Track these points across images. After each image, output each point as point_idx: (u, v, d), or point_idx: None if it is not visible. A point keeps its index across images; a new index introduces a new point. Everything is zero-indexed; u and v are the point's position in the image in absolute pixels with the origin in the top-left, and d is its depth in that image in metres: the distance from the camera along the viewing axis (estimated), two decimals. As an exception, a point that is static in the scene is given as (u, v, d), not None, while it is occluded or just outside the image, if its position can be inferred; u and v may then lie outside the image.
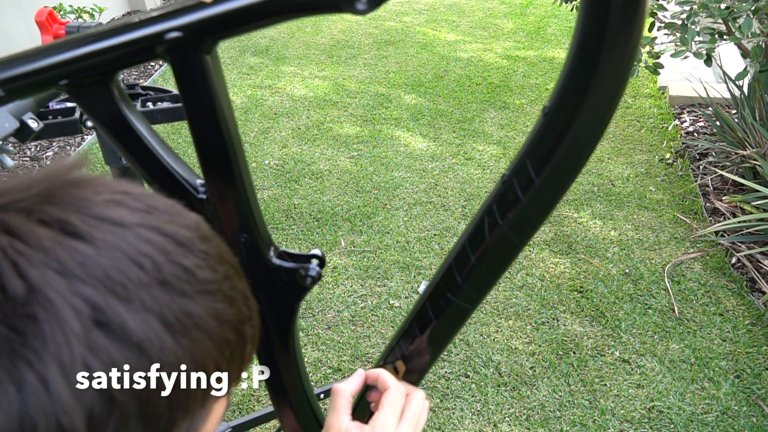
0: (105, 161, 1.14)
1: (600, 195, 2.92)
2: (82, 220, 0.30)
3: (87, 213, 0.30)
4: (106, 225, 0.30)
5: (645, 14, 0.39)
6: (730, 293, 2.31)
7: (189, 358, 0.31)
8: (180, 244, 0.32)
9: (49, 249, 0.28)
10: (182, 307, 0.31)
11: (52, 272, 0.28)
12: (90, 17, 4.04)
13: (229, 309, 0.33)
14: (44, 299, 0.27)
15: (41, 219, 0.29)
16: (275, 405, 0.68)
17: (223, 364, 0.33)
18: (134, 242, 0.30)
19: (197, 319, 0.31)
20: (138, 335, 0.29)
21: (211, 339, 0.32)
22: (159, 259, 0.31)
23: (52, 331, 0.27)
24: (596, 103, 0.42)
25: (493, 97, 3.94)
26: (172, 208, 0.34)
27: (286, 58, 4.60)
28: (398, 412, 0.58)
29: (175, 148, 3.62)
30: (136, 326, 0.29)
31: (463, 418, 1.88)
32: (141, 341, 0.29)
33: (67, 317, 0.27)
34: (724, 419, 1.85)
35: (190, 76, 0.46)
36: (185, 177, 0.53)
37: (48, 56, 0.47)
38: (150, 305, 0.29)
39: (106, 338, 0.28)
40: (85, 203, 0.31)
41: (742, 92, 2.95)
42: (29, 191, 0.31)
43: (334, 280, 2.42)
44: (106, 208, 0.31)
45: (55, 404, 0.26)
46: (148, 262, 0.30)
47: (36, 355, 0.26)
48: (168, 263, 0.31)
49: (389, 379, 0.61)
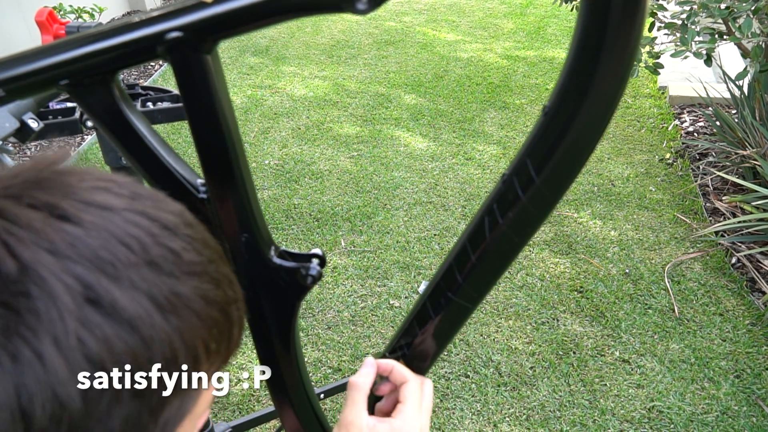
0: (105, 161, 1.14)
1: (600, 195, 2.92)
2: (70, 204, 0.31)
3: (74, 198, 0.31)
4: (94, 209, 0.31)
5: (645, 14, 0.39)
6: (730, 293, 2.31)
7: (178, 337, 0.31)
8: (166, 227, 0.33)
9: (39, 230, 0.29)
10: (170, 286, 0.31)
11: (44, 252, 0.29)
12: (90, 17, 4.04)
13: (216, 290, 0.34)
14: (37, 277, 0.28)
15: (30, 203, 0.30)
16: (276, 404, 0.68)
17: (212, 344, 0.34)
18: (122, 225, 0.31)
19: (185, 299, 0.32)
20: (129, 312, 0.29)
21: (200, 318, 0.33)
22: (146, 241, 0.31)
23: (45, 307, 0.27)
24: (596, 103, 0.43)
25: (493, 97, 3.94)
26: (157, 196, 0.35)
27: (286, 58, 4.60)
28: (419, 404, 0.59)
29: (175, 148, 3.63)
30: (127, 304, 0.29)
31: (463, 418, 1.88)
32: (132, 318, 0.29)
33: (60, 294, 0.28)
34: (724, 419, 1.86)
35: (191, 76, 0.46)
36: (186, 177, 0.53)
37: (48, 56, 0.47)
38: (139, 284, 0.30)
39: (98, 314, 0.29)
40: (73, 189, 0.32)
41: (742, 92, 2.95)
42: (17, 179, 0.32)
43: (334, 280, 2.42)
44: (92, 193, 0.32)
45: (50, 376, 0.27)
46: (135, 243, 0.31)
47: (31, 330, 0.27)
48: (155, 245, 0.32)
49: (405, 371, 0.60)
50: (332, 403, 1.91)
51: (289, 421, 0.69)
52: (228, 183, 0.52)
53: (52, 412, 0.27)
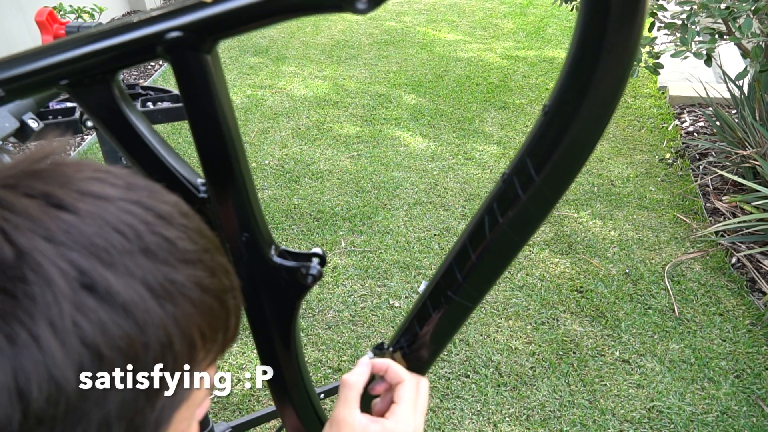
0: (105, 161, 1.14)
1: (600, 195, 2.92)
2: (66, 193, 0.31)
3: (70, 187, 0.32)
4: (89, 198, 0.32)
5: (645, 14, 0.39)
6: (730, 293, 2.31)
7: (173, 322, 0.32)
8: (160, 216, 0.33)
9: (35, 218, 0.30)
10: (165, 274, 0.32)
11: (39, 238, 0.29)
12: (90, 17, 4.04)
13: (211, 278, 0.34)
14: (33, 262, 0.29)
15: (26, 192, 0.31)
16: (277, 403, 0.68)
17: (208, 332, 0.34)
18: (116, 213, 0.32)
19: (180, 286, 0.32)
20: (123, 297, 0.30)
21: (194, 305, 0.33)
22: (141, 229, 0.32)
23: (41, 291, 0.28)
24: (596, 102, 0.43)
25: (493, 97, 3.94)
26: (152, 186, 0.36)
27: (286, 58, 4.60)
28: (414, 405, 0.58)
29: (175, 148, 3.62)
30: (122, 289, 0.30)
31: (463, 418, 1.88)
32: (126, 303, 0.30)
33: (56, 279, 0.28)
34: (724, 419, 1.85)
35: (191, 76, 0.46)
36: (186, 176, 0.53)
37: (48, 56, 0.47)
38: (134, 271, 0.30)
39: (93, 299, 0.29)
40: (69, 179, 0.32)
41: (742, 92, 2.95)
42: (14, 169, 0.32)
43: (334, 280, 2.42)
44: (88, 183, 0.33)
45: (46, 358, 0.28)
46: (130, 231, 0.31)
47: (27, 314, 0.28)
48: (149, 233, 0.32)
49: (401, 371, 0.60)
50: (332, 403, 1.91)
51: (289, 420, 0.69)
52: (228, 183, 0.52)
53: (49, 393, 0.28)
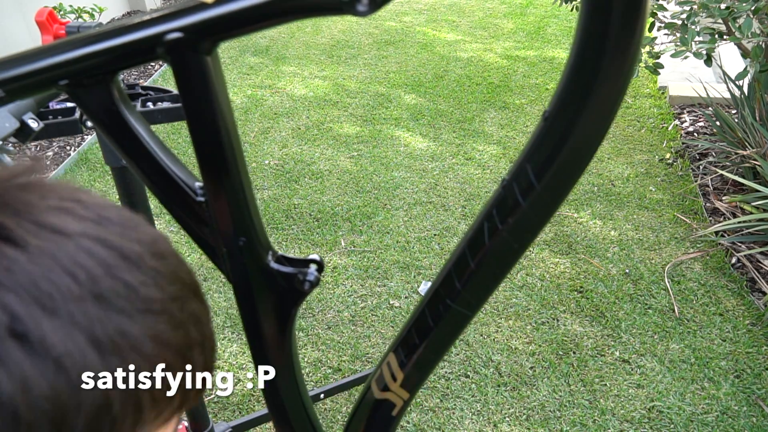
0: (105, 161, 1.14)
1: (600, 195, 2.92)
2: (19, 225, 0.28)
3: (26, 218, 0.29)
4: (45, 232, 0.29)
5: (647, 15, 0.39)
6: (730, 293, 2.31)
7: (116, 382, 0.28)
8: (125, 258, 0.30)
9: None
10: (117, 324, 0.28)
11: None
12: (90, 17, 4.04)
13: (173, 332, 0.31)
14: None
15: None
16: (271, 411, 0.67)
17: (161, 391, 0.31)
18: (72, 252, 0.29)
19: (132, 339, 0.29)
20: (59, 350, 0.27)
21: (148, 362, 0.29)
22: (96, 272, 0.29)
23: None
24: (598, 107, 0.42)
25: (493, 97, 3.94)
26: (129, 221, 0.32)
27: (286, 58, 4.60)
28: None
29: (175, 149, 3.61)
30: (58, 340, 0.27)
31: (463, 418, 1.88)
32: (61, 357, 0.27)
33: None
34: (724, 419, 1.85)
35: (190, 77, 0.46)
36: (183, 179, 0.52)
37: (48, 56, 0.47)
38: (78, 320, 0.27)
39: (20, 351, 0.26)
40: (28, 208, 0.29)
41: (742, 92, 2.95)
42: None
43: (334, 280, 2.41)
44: (49, 214, 0.29)
45: None
46: (83, 274, 0.28)
47: None
48: (107, 277, 0.29)
49: None
50: (332, 403, 1.91)
51: (283, 429, 0.68)
52: (226, 186, 0.51)
53: None
